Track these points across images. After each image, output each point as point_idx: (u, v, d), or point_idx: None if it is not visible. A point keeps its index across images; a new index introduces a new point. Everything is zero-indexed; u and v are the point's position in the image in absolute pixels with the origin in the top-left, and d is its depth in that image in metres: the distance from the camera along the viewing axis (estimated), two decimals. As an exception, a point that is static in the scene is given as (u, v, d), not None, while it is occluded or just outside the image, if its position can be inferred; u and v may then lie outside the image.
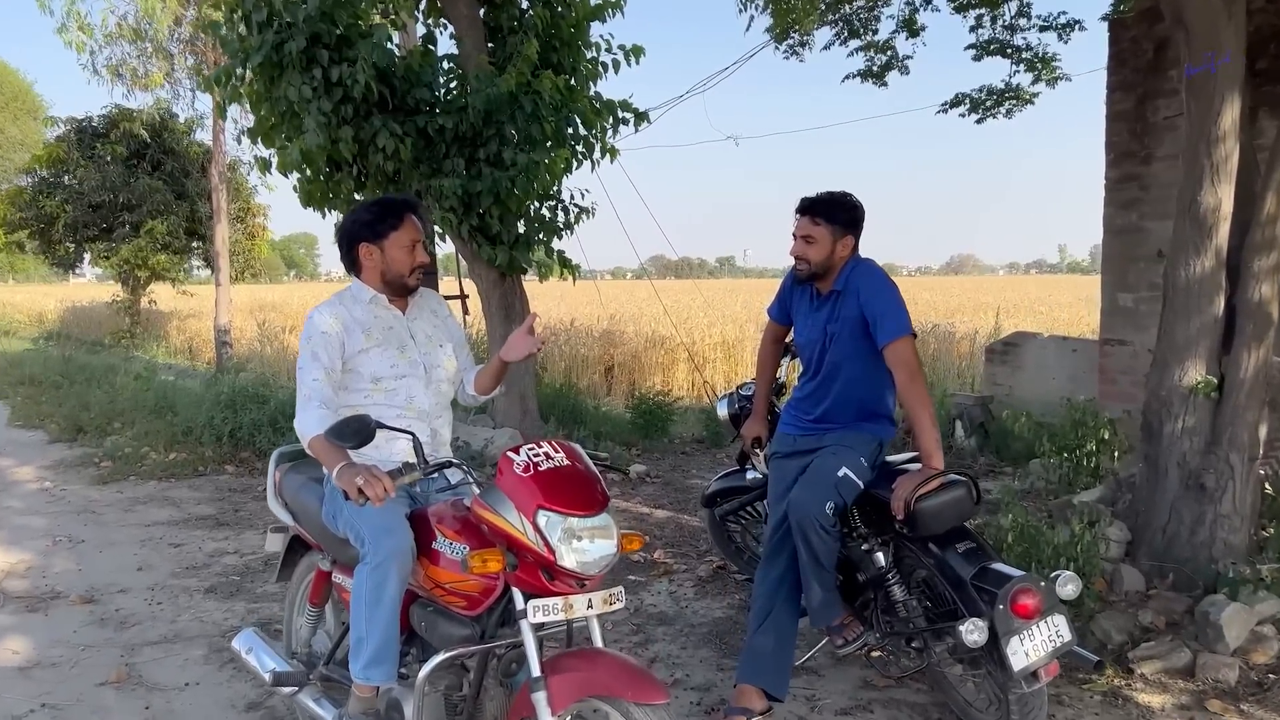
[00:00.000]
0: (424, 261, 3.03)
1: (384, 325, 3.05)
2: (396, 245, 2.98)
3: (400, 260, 2.99)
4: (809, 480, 3.48)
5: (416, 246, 3.01)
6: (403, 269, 3.00)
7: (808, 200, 3.59)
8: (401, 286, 3.03)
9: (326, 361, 2.88)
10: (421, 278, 3.07)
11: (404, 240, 2.98)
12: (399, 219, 2.98)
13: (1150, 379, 4.55)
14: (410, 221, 3.00)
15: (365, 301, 3.05)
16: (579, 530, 2.43)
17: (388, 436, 2.84)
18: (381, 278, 3.03)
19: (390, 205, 3.02)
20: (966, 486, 3.30)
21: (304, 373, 2.86)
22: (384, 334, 3.03)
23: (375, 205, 3.04)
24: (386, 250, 2.99)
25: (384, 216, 2.99)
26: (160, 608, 4.94)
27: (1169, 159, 6.11)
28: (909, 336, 3.40)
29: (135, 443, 8.85)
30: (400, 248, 2.98)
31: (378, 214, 3.00)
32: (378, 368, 2.99)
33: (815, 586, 3.48)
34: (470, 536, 2.61)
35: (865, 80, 7.38)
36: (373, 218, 3.00)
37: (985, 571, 3.18)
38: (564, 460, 2.54)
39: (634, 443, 8.99)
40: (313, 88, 6.86)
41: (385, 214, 2.99)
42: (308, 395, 2.80)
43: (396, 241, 2.98)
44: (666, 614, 4.78)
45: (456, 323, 3.33)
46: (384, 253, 3.00)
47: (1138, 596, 4.34)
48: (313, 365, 2.86)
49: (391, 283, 3.03)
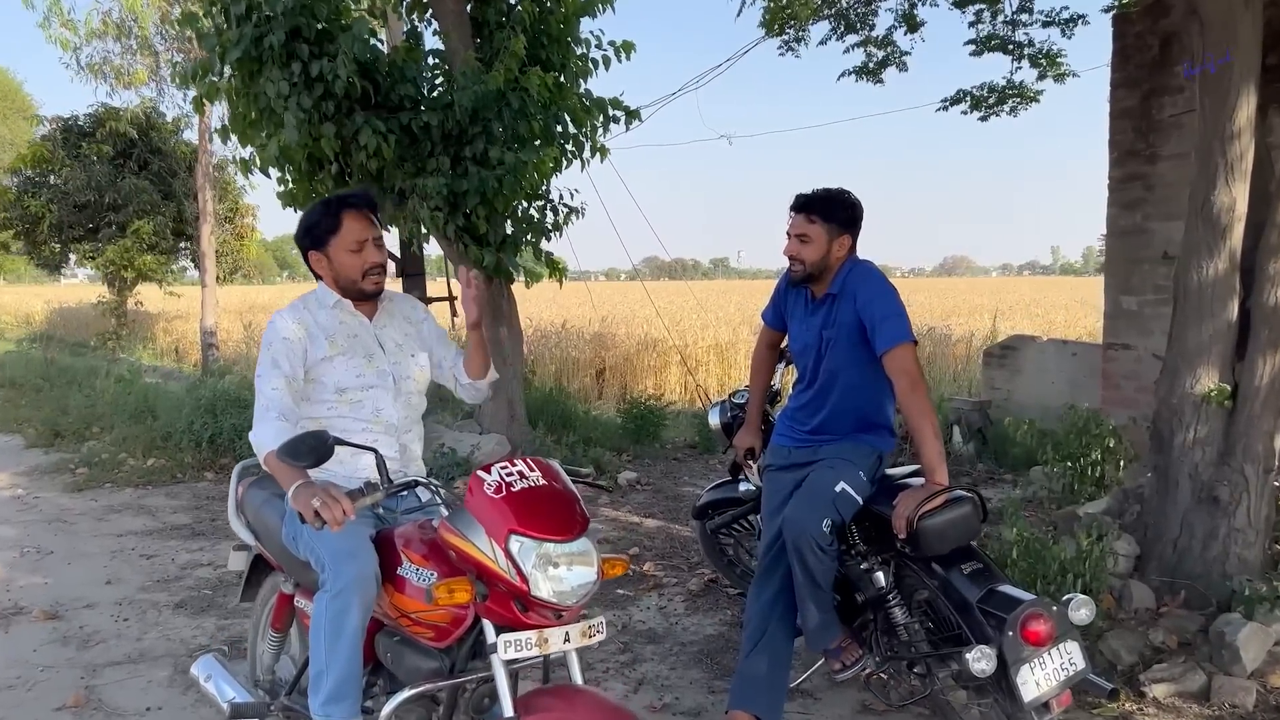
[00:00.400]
0: (376, 262, 2.79)
1: (349, 332, 2.84)
2: (340, 249, 2.77)
3: (348, 265, 2.77)
4: (805, 496, 3.29)
5: (366, 247, 2.77)
6: (352, 274, 2.78)
7: (803, 197, 3.40)
8: (358, 292, 2.82)
9: (287, 369, 2.68)
10: (381, 280, 2.83)
11: (347, 242, 2.75)
12: (336, 220, 2.75)
13: (1160, 386, 4.36)
14: (352, 220, 2.76)
15: (329, 306, 2.84)
16: (555, 557, 2.23)
17: (352, 451, 2.64)
18: (336, 284, 2.83)
19: (327, 206, 2.79)
20: (972, 503, 3.10)
21: (263, 380, 2.66)
22: (349, 341, 2.83)
23: (316, 208, 2.83)
24: (332, 256, 2.78)
25: (321, 221, 2.77)
26: (126, 624, 4.73)
27: (1175, 158, 5.93)
28: (909, 343, 3.21)
29: (113, 448, 8.62)
30: (345, 251, 2.76)
31: (316, 218, 2.78)
32: (342, 377, 2.78)
33: (811, 607, 3.28)
34: (439, 562, 2.40)
35: (862, 77, 7.19)
36: (312, 223, 2.78)
37: (993, 594, 2.99)
38: (540, 479, 2.34)
39: (624, 448, 8.79)
40: (292, 83, 6.65)
41: (323, 218, 2.77)
42: (265, 405, 2.60)
43: (340, 245, 2.76)
44: (656, 631, 4.58)
45: (434, 326, 3.10)
46: (330, 259, 2.79)
47: (1148, 614, 4.15)
48: (272, 373, 2.66)
49: (347, 289, 2.82)
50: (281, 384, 2.65)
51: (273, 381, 2.65)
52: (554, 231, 8.03)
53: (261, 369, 2.69)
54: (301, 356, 2.73)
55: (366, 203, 2.82)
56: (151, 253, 19.76)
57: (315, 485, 2.32)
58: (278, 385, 2.64)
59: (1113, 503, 4.83)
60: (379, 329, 2.90)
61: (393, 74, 7.14)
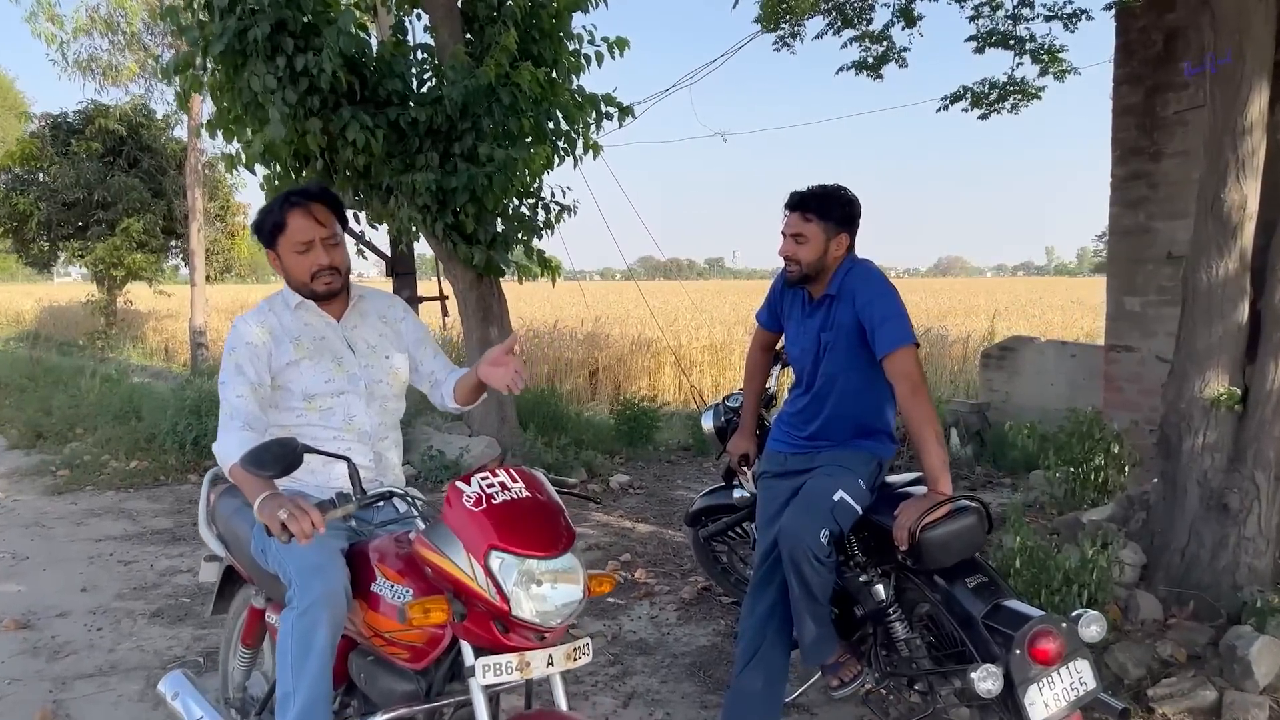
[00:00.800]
0: (326, 264, 2.60)
1: (315, 335, 2.68)
2: (287, 250, 2.60)
3: (295, 266, 2.61)
4: (802, 505, 3.14)
5: (315, 246, 2.59)
6: (300, 275, 2.61)
7: (798, 195, 3.25)
8: (310, 294, 2.65)
9: (252, 376, 2.53)
10: (334, 283, 2.64)
11: (294, 242, 2.58)
12: (281, 218, 2.58)
13: (1167, 390, 4.23)
14: (298, 219, 2.57)
15: (293, 308, 2.68)
16: (538, 574, 2.08)
17: (324, 460, 2.49)
18: (290, 285, 2.68)
19: (274, 206, 2.62)
20: (977, 514, 2.96)
21: (226, 388, 2.52)
22: (315, 344, 2.67)
23: (266, 207, 2.67)
24: (282, 257, 2.62)
25: (268, 220, 2.60)
26: (100, 634, 4.57)
27: (1179, 155, 5.81)
28: (911, 346, 3.07)
29: (96, 450, 8.47)
30: (292, 252, 2.60)
31: (263, 215, 2.63)
32: (310, 383, 2.63)
33: (808, 621, 3.14)
34: (415, 578, 2.26)
35: (860, 73, 7.04)
36: (261, 222, 2.63)
37: (999, 610, 2.85)
38: (523, 491, 2.20)
39: (617, 451, 8.65)
40: (277, 77, 6.50)
41: (269, 216, 2.60)
42: (229, 414, 2.46)
43: (286, 245, 2.60)
44: (647, 642, 4.44)
45: (415, 326, 2.92)
46: (281, 260, 2.63)
47: (1155, 626, 4.02)
48: (236, 380, 2.52)
49: (300, 290, 2.66)
50: (246, 391, 2.50)
51: (237, 389, 2.50)
52: (545, 230, 7.90)
53: (225, 376, 2.55)
54: (266, 362, 2.58)
55: (320, 198, 2.62)
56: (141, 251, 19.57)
57: (282, 496, 2.17)
58: (242, 393, 2.50)
59: (1117, 509, 4.70)
60: (349, 330, 2.75)
61: (380, 68, 6.99)
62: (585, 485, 7.45)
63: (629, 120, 8.28)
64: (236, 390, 2.50)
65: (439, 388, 2.84)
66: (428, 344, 2.91)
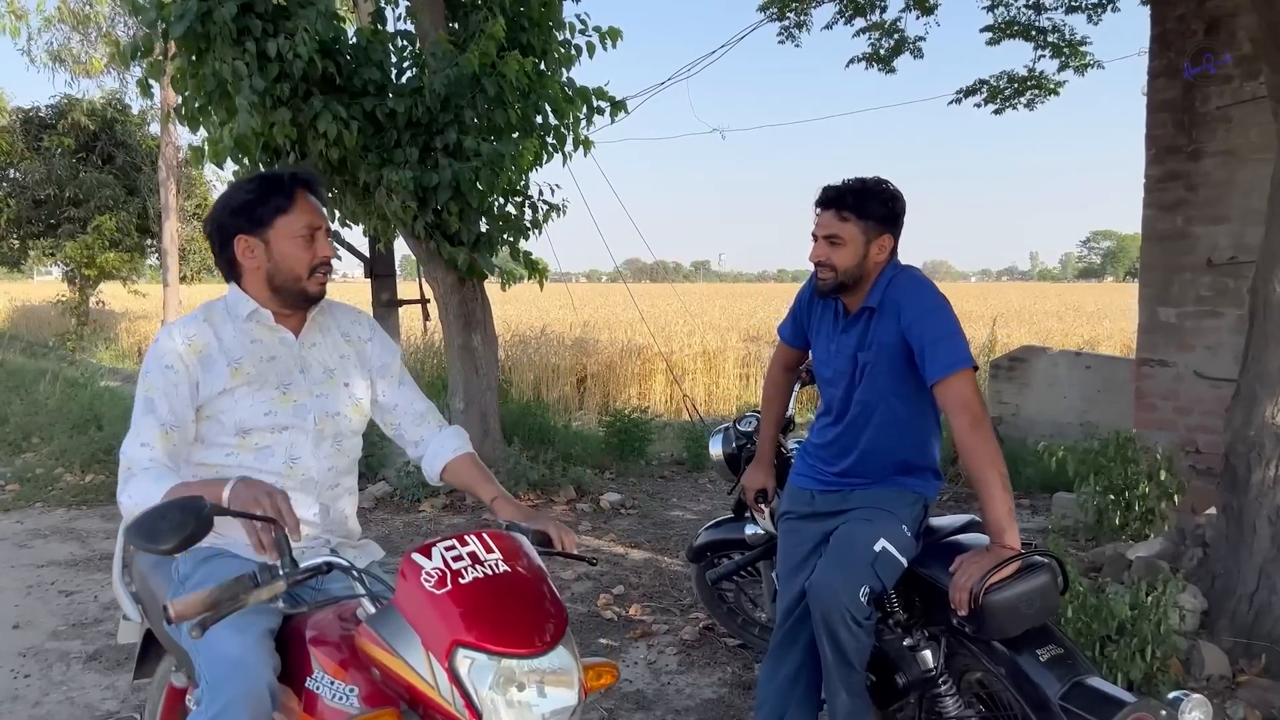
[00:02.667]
0: (326, 256, 2.16)
1: (263, 354, 2.17)
2: (286, 235, 2.12)
3: (293, 257, 2.12)
4: (836, 556, 2.66)
5: (317, 236, 2.14)
6: (298, 268, 2.13)
7: (833, 189, 2.76)
8: (299, 294, 2.16)
9: (165, 414, 2.04)
10: (326, 280, 2.19)
11: (297, 227, 2.11)
12: (288, 199, 2.11)
13: (1233, 415, 3.76)
14: (305, 201, 2.14)
15: (241, 318, 2.18)
16: (520, 676, 1.59)
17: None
18: (269, 283, 2.16)
19: (274, 182, 2.15)
20: (1050, 572, 2.48)
21: (133, 432, 2.02)
22: (260, 367, 2.16)
23: (254, 182, 2.17)
24: (273, 244, 2.12)
25: (267, 196, 2.11)
26: (28, 682, 4.04)
27: (1221, 154, 5.36)
28: (969, 370, 2.58)
29: (50, 462, 7.92)
30: (291, 238, 2.11)
31: (258, 193, 2.12)
32: (246, 415, 2.11)
33: (842, 693, 2.66)
34: (363, 672, 1.76)
35: (871, 65, 6.59)
36: (252, 198, 2.12)
37: (1079, 689, 2.36)
38: (499, 564, 1.70)
39: (608, 465, 8.14)
40: (245, 63, 5.97)
41: (269, 193, 2.11)
42: (127, 469, 1.96)
43: (286, 230, 2.11)
44: (644, 694, 3.94)
45: (385, 348, 2.40)
46: (269, 247, 2.13)
47: (1222, 683, 3.54)
48: (144, 422, 2.02)
49: (283, 289, 2.16)
50: (154, 438, 2.01)
51: (142, 435, 2.01)
52: (533, 229, 7.40)
53: (136, 410, 2.05)
54: (190, 392, 2.07)
55: (315, 185, 2.20)
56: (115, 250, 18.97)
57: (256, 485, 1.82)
58: (148, 439, 2.00)
59: (1167, 545, 4.24)
60: (306, 349, 2.24)
61: (357, 56, 6.48)
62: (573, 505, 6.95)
63: (621, 116, 7.81)
64: (141, 437, 2.00)
65: (420, 448, 2.38)
66: (394, 372, 2.39)
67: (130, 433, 2.02)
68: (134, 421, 2.03)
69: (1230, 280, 5.31)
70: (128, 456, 1.98)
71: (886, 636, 2.76)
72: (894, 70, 6.50)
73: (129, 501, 1.94)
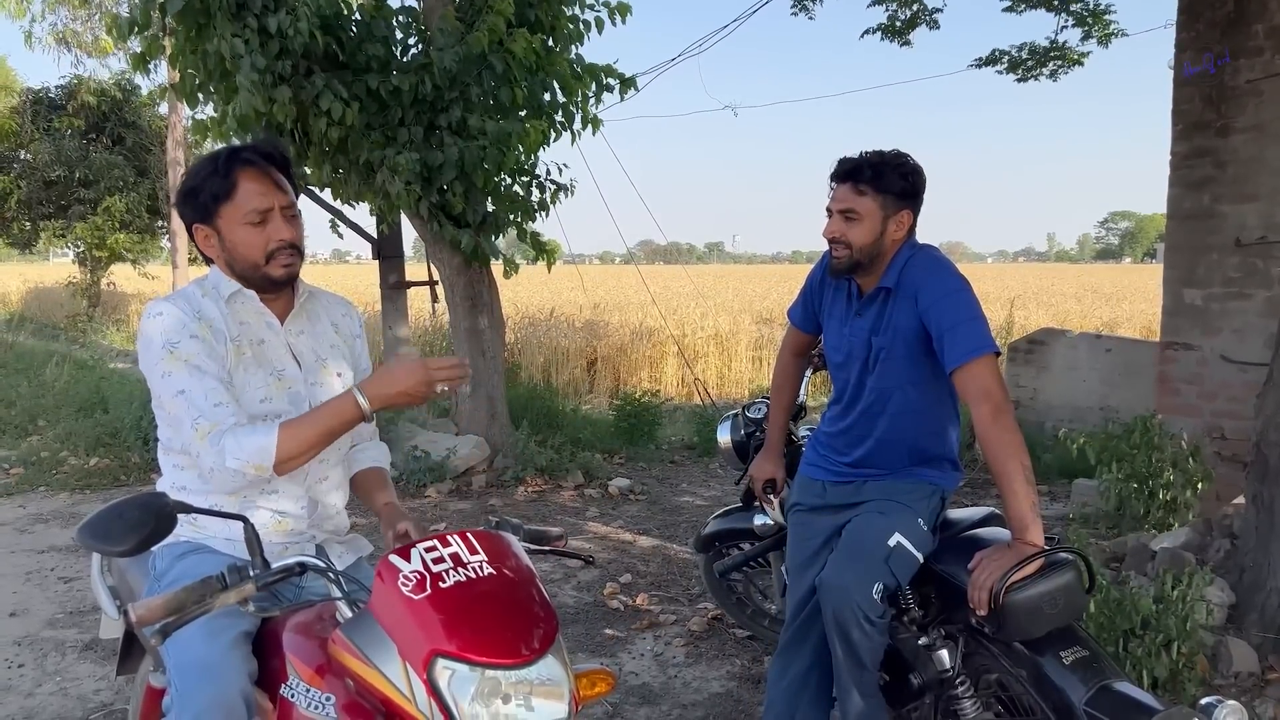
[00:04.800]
0: (286, 239, 2.00)
1: (253, 337, 2.05)
2: (233, 222, 1.97)
3: (245, 243, 1.98)
4: (849, 552, 2.53)
5: (271, 217, 1.97)
6: (251, 254, 1.98)
7: (849, 162, 2.61)
8: (262, 280, 2.02)
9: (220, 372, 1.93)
10: (294, 265, 2.03)
11: (246, 211, 1.96)
12: (227, 181, 1.95)
13: (1265, 401, 3.60)
14: (250, 181, 1.97)
15: (224, 299, 2.04)
16: (506, 688, 1.47)
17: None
18: (231, 271, 2.03)
19: (214, 162, 1.99)
20: (1075, 570, 2.34)
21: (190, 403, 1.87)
22: (253, 349, 2.03)
23: (199, 165, 2.02)
24: (224, 232, 1.99)
25: (205, 182, 1.97)
26: (21, 672, 3.97)
27: (1251, 130, 5.17)
28: (991, 356, 2.43)
29: (55, 445, 7.84)
30: (241, 224, 1.97)
31: (199, 179, 1.98)
32: (243, 398, 1.98)
33: (854, 693, 2.53)
34: (340, 679, 1.64)
35: (886, 37, 6.40)
36: (194, 185, 1.98)
37: (1105, 694, 2.23)
38: (484, 566, 1.58)
39: (617, 450, 8.02)
40: (244, 40, 5.84)
41: (207, 178, 1.96)
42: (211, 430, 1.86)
43: (231, 216, 1.97)
44: (651, 687, 3.82)
45: (363, 353, 2.29)
46: (221, 235, 1.99)
47: (1251, 680, 3.40)
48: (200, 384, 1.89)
49: (245, 277, 2.02)
50: (224, 396, 1.90)
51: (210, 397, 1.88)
52: (540, 211, 7.25)
53: (180, 385, 1.88)
54: (223, 358, 1.96)
55: (273, 157, 2.02)
56: (125, 231, 18.93)
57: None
58: (220, 399, 1.88)
59: (1193, 535, 4.09)
60: (293, 336, 2.11)
61: (360, 32, 6.34)
62: (581, 491, 6.84)
63: (631, 93, 7.64)
64: (210, 399, 1.88)
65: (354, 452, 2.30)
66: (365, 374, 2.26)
67: (185, 407, 1.87)
68: (187, 394, 1.87)
69: (1259, 261, 5.13)
70: (208, 421, 1.85)
71: (901, 635, 2.63)
72: (909, 43, 6.32)
73: (235, 462, 1.83)
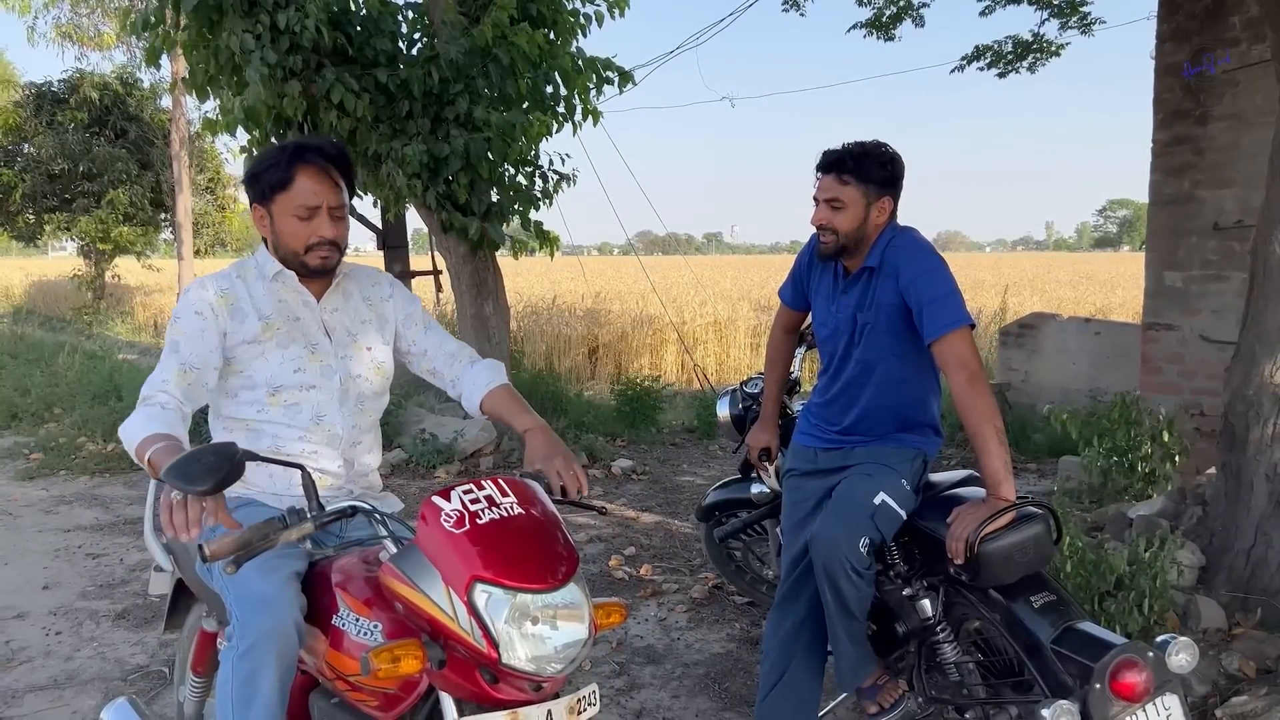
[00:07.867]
0: (327, 237, 2.19)
1: (289, 314, 2.26)
2: (284, 211, 2.18)
3: (290, 233, 2.19)
4: (838, 509, 2.75)
5: (318, 215, 2.17)
6: (293, 244, 2.19)
7: (833, 154, 2.82)
8: (300, 267, 2.23)
9: (187, 355, 2.12)
10: (330, 258, 2.23)
11: (296, 205, 2.16)
12: (287, 174, 2.15)
13: (1232, 375, 3.82)
14: (307, 178, 2.16)
15: (269, 278, 2.25)
16: (534, 611, 1.69)
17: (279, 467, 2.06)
18: (275, 251, 2.25)
19: (281, 153, 2.19)
20: (1044, 522, 2.56)
21: (156, 370, 2.12)
22: (288, 326, 2.24)
23: (270, 152, 2.23)
24: (275, 217, 2.20)
25: (270, 169, 2.17)
26: (59, 639, 4.19)
27: (1228, 119, 5.37)
28: (966, 328, 2.65)
29: (72, 431, 8.08)
30: (290, 215, 2.17)
31: (266, 165, 2.18)
32: (277, 372, 2.21)
33: (845, 641, 2.75)
34: (386, 609, 1.86)
35: (871, 33, 6.59)
36: (257, 170, 2.19)
37: (1071, 634, 2.45)
38: (514, 506, 1.80)
39: (619, 433, 8.25)
40: (255, 35, 6.04)
41: (270, 166, 2.17)
42: (142, 399, 2.05)
43: (284, 206, 2.17)
44: (655, 649, 4.05)
45: (406, 299, 2.47)
46: (273, 219, 2.20)
47: (1219, 636, 3.63)
48: (167, 360, 2.12)
49: (286, 260, 2.24)
50: (173, 376, 2.09)
51: (163, 373, 2.09)
52: (543, 200, 7.46)
53: (163, 354, 2.15)
54: (217, 340, 2.16)
55: (334, 159, 2.21)
56: (129, 224, 19.11)
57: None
58: (168, 377, 2.08)
59: (1168, 504, 4.31)
60: (327, 313, 2.32)
61: (367, 27, 6.53)
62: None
63: (629, 87, 7.84)
64: (161, 374, 2.09)
65: (457, 386, 2.41)
66: (418, 320, 2.46)
67: (154, 371, 2.12)
68: (160, 362, 2.12)
69: (1236, 244, 5.34)
70: (145, 390, 2.07)
71: (887, 587, 2.85)
72: (894, 38, 6.51)
73: (121, 432, 2.01)
